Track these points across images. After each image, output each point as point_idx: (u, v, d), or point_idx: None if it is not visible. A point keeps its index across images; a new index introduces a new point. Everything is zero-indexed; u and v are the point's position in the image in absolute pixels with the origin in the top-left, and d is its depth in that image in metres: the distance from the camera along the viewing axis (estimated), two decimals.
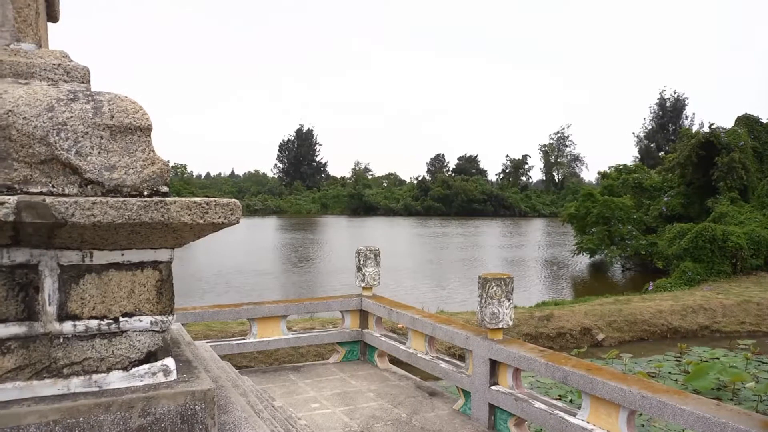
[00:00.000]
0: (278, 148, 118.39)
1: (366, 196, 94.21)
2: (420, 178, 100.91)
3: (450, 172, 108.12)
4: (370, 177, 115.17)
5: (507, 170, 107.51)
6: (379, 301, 9.31)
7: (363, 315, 9.59)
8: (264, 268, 28.69)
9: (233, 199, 2.09)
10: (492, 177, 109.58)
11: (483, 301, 6.75)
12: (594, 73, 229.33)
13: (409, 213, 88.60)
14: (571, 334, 14.73)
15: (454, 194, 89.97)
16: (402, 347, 8.62)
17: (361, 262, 9.50)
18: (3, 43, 2.26)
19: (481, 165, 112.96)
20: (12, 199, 1.81)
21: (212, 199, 2.04)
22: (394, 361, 9.30)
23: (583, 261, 32.65)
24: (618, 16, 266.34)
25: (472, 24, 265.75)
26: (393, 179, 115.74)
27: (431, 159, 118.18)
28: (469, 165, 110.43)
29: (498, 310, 6.66)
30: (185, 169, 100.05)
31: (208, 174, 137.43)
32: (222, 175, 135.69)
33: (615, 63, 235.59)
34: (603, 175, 37.02)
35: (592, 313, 15.48)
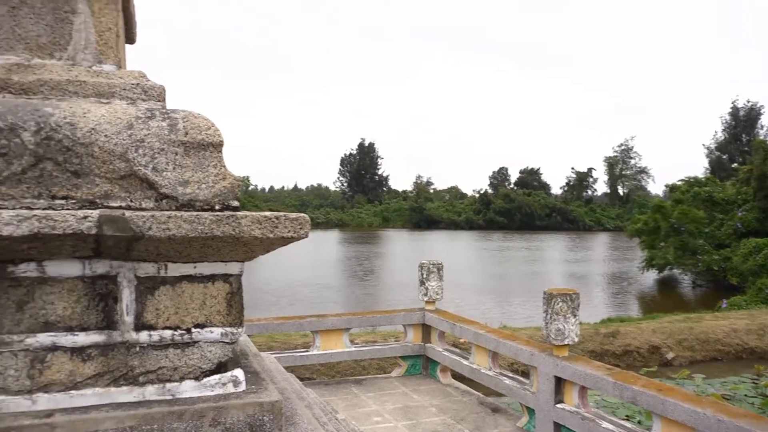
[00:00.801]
0: (340, 162, 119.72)
1: (427, 210, 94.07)
2: (482, 192, 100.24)
3: (512, 186, 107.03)
4: (431, 190, 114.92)
5: (571, 183, 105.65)
6: (442, 316, 9.26)
7: (425, 329, 9.56)
8: (327, 281, 28.97)
9: (302, 214, 2.13)
10: (555, 190, 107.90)
11: (548, 316, 6.64)
12: (654, 84, 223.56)
13: (470, 227, 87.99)
14: (639, 352, 14.29)
15: (516, 208, 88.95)
16: (465, 362, 8.55)
17: (424, 276, 9.49)
18: (86, 64, 2.38)
19: (543, 178, 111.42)
20: (94, 213, 1.90)
21: (282, 213, 2.08)
22: (457, 376, 9.22)
23: (650, 277, 31.70)
24: (684, 22, 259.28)
25: (498, 31, 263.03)
26: (455, 193, 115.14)
27: (493, 172, 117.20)
28: (531, 178, 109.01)
29: (563, 326, 6.54)
30: (249, 182, 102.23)
31: (271, 187, 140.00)
32: (285, 189, 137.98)
33: (679, 73, 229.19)
34: (671, 188, 35.90)
35: (661, 331, 14.98)
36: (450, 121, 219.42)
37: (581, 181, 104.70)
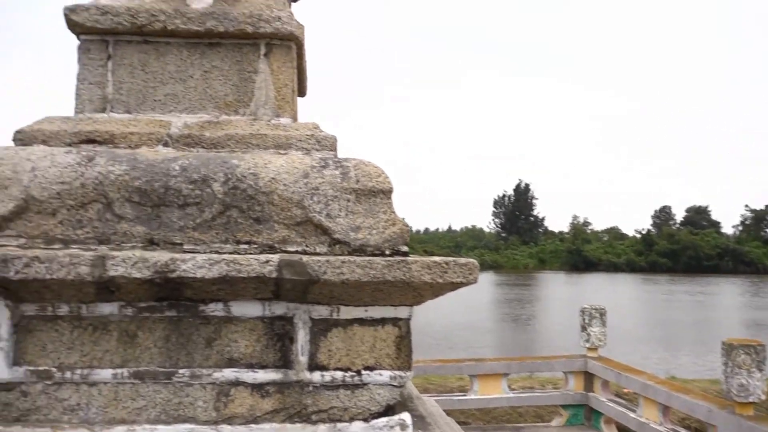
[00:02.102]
0: (494, 203, 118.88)
1: (585, 251, 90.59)
2: (644, 232, 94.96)
3: (677, 225, 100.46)
4: (589, 231, 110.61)
5: (746, 222, 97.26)
6: (607, 364, 8.80)
7: (587, 377, 9.12)
8: (482, 324, 28.61)
9: (471, 260, 2.13)
10: (727, 230, 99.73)
11: (728, 370, 6.09)
12: None
13: (632, 269, 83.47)
14: None
15: (682, 249, 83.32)
16: (632, 415, 8.03)
17: (586, 321, 9.10)
18: (266, 118, 2.57)
19: (713, 216, 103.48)
20: (275, 258, 2.02)
21: (451, 259, 2.10)
22: (622, 429, 8.67)
23: None
24: None
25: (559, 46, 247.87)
26: (614, 233, 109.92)
27: (655, 211, 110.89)
28: (698, 217, 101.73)
29: (747, 381, 5.97)
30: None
31: (426, 229, 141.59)
32: (440, 230, 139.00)
33: None
34: None
35: None
36: (606, 161, 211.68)
37: (759, 219, 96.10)
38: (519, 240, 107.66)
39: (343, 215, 2.21)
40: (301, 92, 3.39)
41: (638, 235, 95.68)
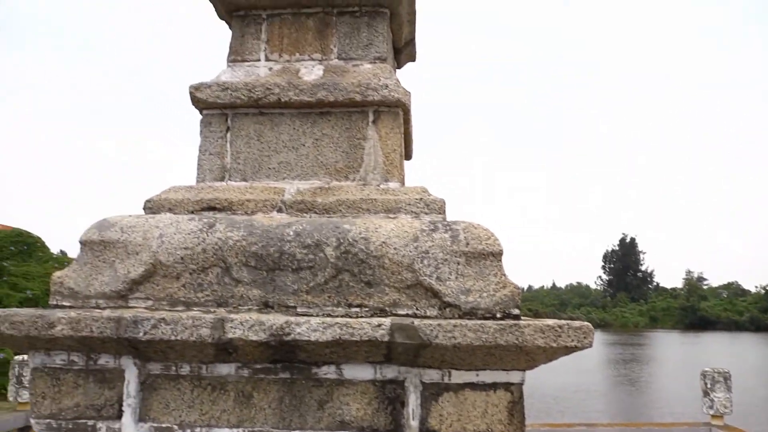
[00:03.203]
0: (602, 258, 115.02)
1: (701, 309, 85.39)
2: None
3: None
4: (705, 287, 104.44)
5: None
6: None
7: None
8: (594, 387, 27.31)
9: (586, 323, 2.07)
10: None
11: None
12: None
13: (756, 327, 77.70)
14: None
15: None
16: None
17: (708, 386, 8.50)
18: (375, 183, 2.64)
19: None
20: (386, 321, 2.04)
21: (564, 322, 2.05)
22: None
23: None
24: None
25: None
26: (734, 289, 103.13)
27: None
28: None
29: None
30: None
31: (529, 287, 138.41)
32: (543, 288, 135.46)
33: None
34: None
35: None
36: (718, 210, 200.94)
37: None
38: (627, 297, 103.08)
39: (453, 278, 2.21)
40: (408, 156, 3.47)
41: (762, 291, 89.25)
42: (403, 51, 3.40)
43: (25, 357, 9.90)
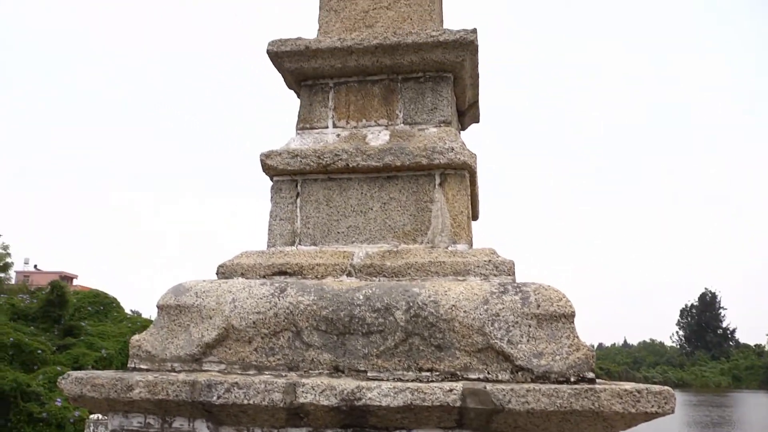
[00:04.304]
0: (679, 314, 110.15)
1: None
2: None
3: None
4: None
5: None
6: None
7: None
8: None
9: (666, 387, 1.99)
10: None
11: None
12: None
13: None
14: None
15: None
16: None
17: None
18: (443, 246, 2.65)
19: None
20: (458, 386, 2.02)
21: (644, 386, 1.98)
22: None
23: None
24: None
25: None
26: None
27: None
28: None
29: None
30: None
31: (600, 344, 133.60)
32: (615, 345, 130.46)
33: None
34: None
35: None
36: None
37: None
38: (707, 355, 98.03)
39: (524, 341, 2.18)
40: (475, 216, 3.47)
41: None
42: (467, 113, 3.44)
43: (100, 416, 10.12)
